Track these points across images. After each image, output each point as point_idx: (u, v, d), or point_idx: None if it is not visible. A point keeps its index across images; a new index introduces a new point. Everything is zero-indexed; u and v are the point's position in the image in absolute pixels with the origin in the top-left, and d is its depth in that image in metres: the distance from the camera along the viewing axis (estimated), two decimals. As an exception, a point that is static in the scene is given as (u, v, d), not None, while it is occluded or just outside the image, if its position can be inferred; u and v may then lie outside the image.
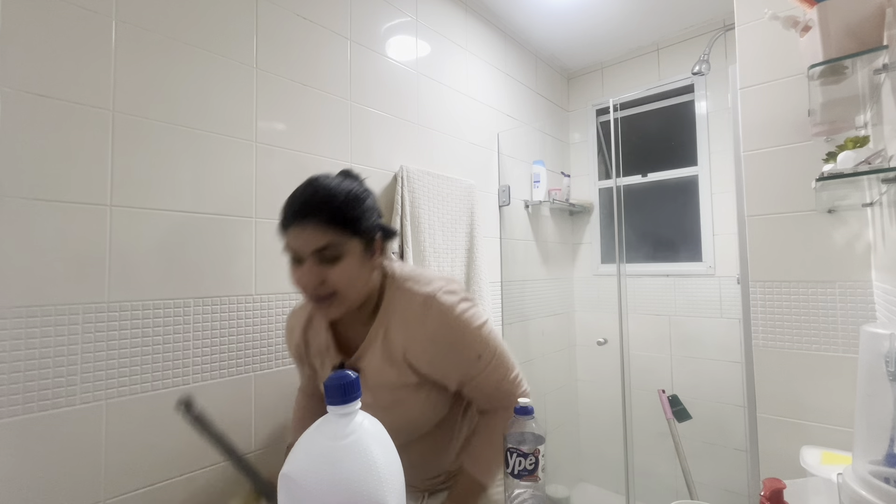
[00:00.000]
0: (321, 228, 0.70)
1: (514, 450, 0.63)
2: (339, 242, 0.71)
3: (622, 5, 2.03)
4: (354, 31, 1.46)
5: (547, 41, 2.32)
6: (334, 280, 0.71)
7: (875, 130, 0.98)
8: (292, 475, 0.44)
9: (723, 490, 1.94)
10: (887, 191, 0.91)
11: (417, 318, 0.76)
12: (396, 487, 0.46)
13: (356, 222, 0.73)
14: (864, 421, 0.58)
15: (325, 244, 0.70)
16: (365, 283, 0.76)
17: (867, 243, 1.09)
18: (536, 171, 2.17)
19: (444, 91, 1.81)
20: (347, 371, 0.47)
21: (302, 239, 0.71)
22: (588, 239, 2.57)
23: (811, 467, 0.90)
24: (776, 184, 1.20)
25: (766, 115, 1.22)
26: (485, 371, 0.78)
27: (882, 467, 0.54)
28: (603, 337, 2.37)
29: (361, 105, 1.47)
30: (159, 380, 0.97)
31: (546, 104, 2.49)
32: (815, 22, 0.93)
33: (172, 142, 1.02)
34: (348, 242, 0.72)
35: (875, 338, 0.55)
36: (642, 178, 2.39)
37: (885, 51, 0.83)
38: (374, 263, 0.77)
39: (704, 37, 2.14)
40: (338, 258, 0.71)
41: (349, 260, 0.72)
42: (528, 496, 0.63)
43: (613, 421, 1.94)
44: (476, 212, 1.82)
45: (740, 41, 1.27)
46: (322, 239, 0.70)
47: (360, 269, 0.74)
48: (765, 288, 1.22)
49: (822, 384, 1.13)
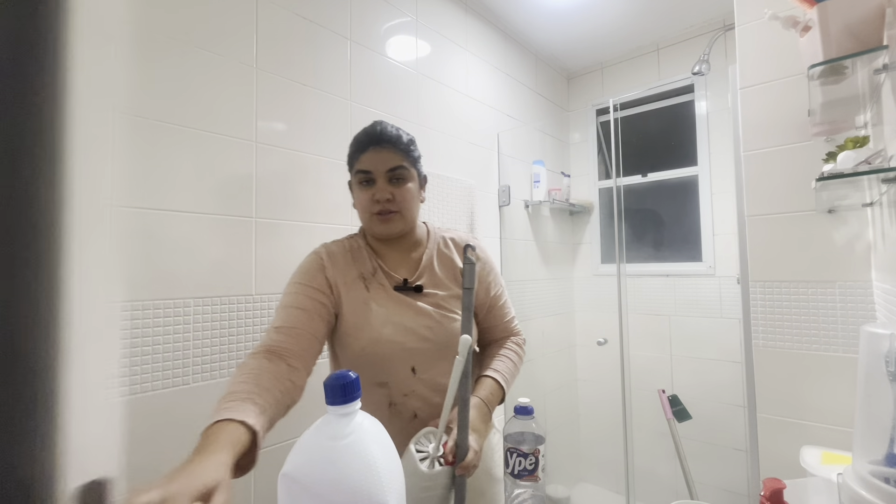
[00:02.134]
0: (396, 152, 0.85)
1: (514, 450, 0.63)
2: (407, 167, 0.86)
3: (622, 5, 2.03)
4: (354, 31, 1.46)
5: (547, 41, 2.32)
6: (400, 198, 0.85)
7: (875, 130, 0.98)
8: (292, 475, 0.44)
9: (723, 490, 1.94)
10: (887, 191, 0.91)
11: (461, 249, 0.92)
12: (396, 487, 0.46)
13: (416, 159, 0.90)
14: (864, 421, 0.58)
15: (397, 165, 0.85)
16: (417, 211, 0.91)
17: (867, 243, 1.09)
18: (536, 171, 2.17)
19: (444, 91, 1.81)
20: (348, 371, 0.47)
21: (379, 159, 0.84)
22: (588, 239, 2.57)
23: (811, 467, 0.90)
24: (776, 184, 1.20)
25: (766, 115, 1.22)
26: (498, 304, 0.96)
27: (882, 467, 0.54)
28: (603, 337, 2.37)
29: (361, 105, 1.47)
30: (159, 380, 0.98)
31: (546, 104, 2.49)
32: (815, 22, 0.93)
33: (171, 142, 1.02)
34: (411, 170, 0.88)
35: (875, 338, 0.55)
36: (642, 178, 2.39)
37: (885, 51, 0.83)
38: (421, 196, 0.93)
39: (704, 37, 2.14)
40: (404, 180, 0.86)
41: (412, 185, 0.87)
42: (528, 496, 0.63)
43: (613, 421, 1.94)
44: (476, 212, 1.82)
45: (740, 41, 1.27)
46: (395, 160, 0.85)
47: (415, 197, 0.89)
48: (765, 288, 1.22)
49: (822, 384, 1.13)
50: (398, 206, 0.85)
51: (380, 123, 0.88)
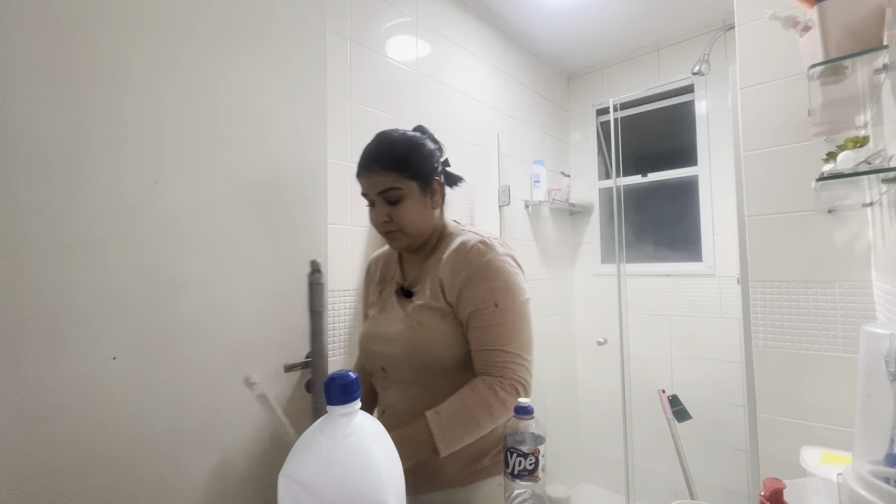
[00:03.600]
0: (386, 174, 0.83)
1: (514, 450, 0.63)
2: (399, 185, 0.83)
3: (622, 5, 2.03)
4: (354, 31, 1.46)
5: (547, 41, 2.32)
6: (398, 218, 0.84)
7: (875, 130, 0.98)
8: (293, 475, 0.44)
9: (723, 490, 1.94)
10: (887, 191, 0.91)
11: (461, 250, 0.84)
12: (396, 487, 0.46)
13: (413, 167, 0.84)
14: (864, 421, 0.58)
15: (386, 187, 0.83)
16: (426, 221, 0.88)
17: (867, 243, 1.09)
18: (536, 171, 2.17)
19: (444, 91, 1.81)
20: (348, 371, 0.47)
21: (370, 183, 0.85)
22: (588, 239, 2.57)
23: (811, 467, 0.90)
24: (776, 184, 1.20)
25: (766, 115, 1.22)
26: (478, 326, 0.80)
27: (882, 467, 0.54)
28: (603, 337, 2.37)
29: (361, 105, 1.47)
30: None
31: (546, 104, 2.49)
32: (815, 22, 0.93)
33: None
34: (407, 184, 0.84)
35: (875, 338, 0.55)
36: (642, 178, 2.39)
37: (885, 51, 0.83)
38: (434, 203, 0.89)
39: (704, 37, 2.14)
40: (399, 199, 0.84)
41: (409, 202, 0.84)
42: (528, 496, 0.63)
43: (613, 421, 1.94)
44: (476, 212, 1.81)
45: (740, 41, 1.27)
46: (384, 182, 0.83)
47: (420, 209, 0.86)
48: (765, 288, 1.22)
49: (822, 384, 1.13)
50: (396, 225, 0.85)
51: (373, 142, 0.87)
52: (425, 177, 0.86)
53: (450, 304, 0.82)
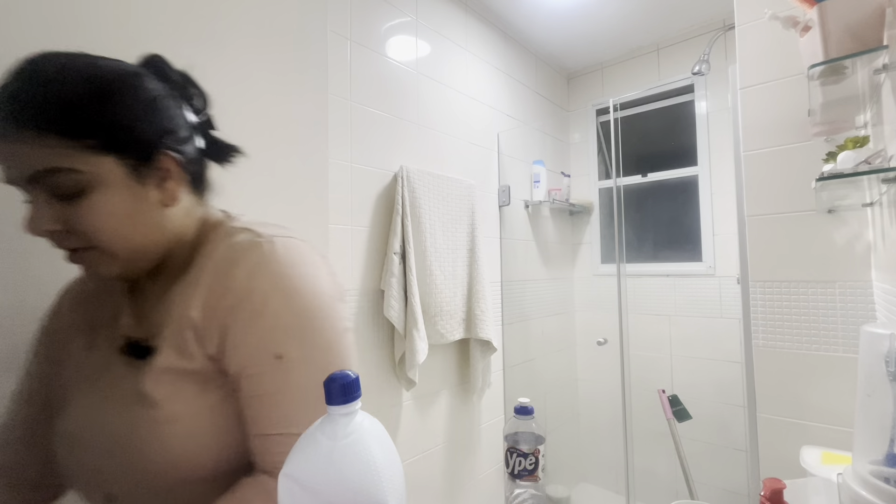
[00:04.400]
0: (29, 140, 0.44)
1: (514, 450, 0.63)
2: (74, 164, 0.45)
3: (622, 5, 2.03)
4: (354, 31, 1.46)
5: (547, 41, 2.32)
6: (85, 225, 0.47)
7: (875, 130, 0.98)
8: (292, 475, 0.43)
9: (723, 490, 1.94)
10: (887, 191, 0.91)
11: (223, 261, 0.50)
12: (397, 487, 0.46)
13: (107, 127, 0.46)
14: (863, 421, 0.58)
15: (49, 166, 0.44)
16: (149, 228, 0.51)
17: (867, 243, 1.09)
18: (536, 171, 2.17)
19: (444, 91, 1.81)
20: (348, 371, 0.47)
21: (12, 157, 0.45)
22: (588, 239, 2.57)
23: (811, 467, 0.90)
24: (776, 184, 1.20)
25: (766, 115, 1.22)
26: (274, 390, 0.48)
27: (882, 467, 0.54)
28: (603, 337, 2.37)
29: (361, 105, 1.47)
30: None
31: (546, 104, 2.49)
32: (815, 22, 0.93)
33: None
34: (96, 162, 0.46)
35: (875, 338, 0.55)
36: (642, 178, 2.39)
37: (885, 51, 0.83)
38: (166, 195, 0.52)
39: (704, 37, 2.14)
40: (80, 191, 0.46)
41: (104, 195, 0.47)
42: (528, 496, 0.63)
43: (613, 421, 1.94)
44: (476, 212, 1.82)
45: (740, 41, 1.27)
46: (38, 158, 0.44)
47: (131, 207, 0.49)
48: (765, 288, 1.22)
49: (822, 384, 1.13)
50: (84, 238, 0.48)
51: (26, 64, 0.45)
52: (138, 146, 0.49)
53: (211, 358, 0.49)
